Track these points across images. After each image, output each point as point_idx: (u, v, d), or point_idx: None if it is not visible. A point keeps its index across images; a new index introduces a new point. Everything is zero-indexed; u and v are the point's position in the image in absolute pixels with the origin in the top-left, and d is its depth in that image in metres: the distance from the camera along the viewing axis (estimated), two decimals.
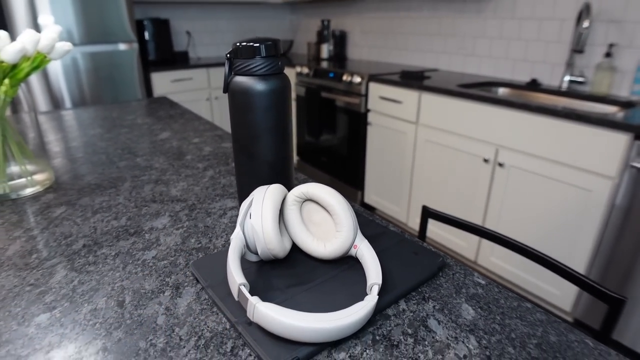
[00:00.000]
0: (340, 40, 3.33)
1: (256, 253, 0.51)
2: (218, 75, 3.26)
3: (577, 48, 1.76)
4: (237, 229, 0.49)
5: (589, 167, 1.48)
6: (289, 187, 0.66)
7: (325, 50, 3.25)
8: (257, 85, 0.58)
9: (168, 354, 0.39)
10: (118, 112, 1.43)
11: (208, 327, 0.43)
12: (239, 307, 0.44)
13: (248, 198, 0.52)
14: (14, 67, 0.72)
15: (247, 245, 0.49)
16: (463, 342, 0.41)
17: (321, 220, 0.53)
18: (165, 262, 0.55)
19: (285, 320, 0.37)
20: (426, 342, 0.41)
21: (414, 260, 0.53)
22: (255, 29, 3.98)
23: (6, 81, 0.71)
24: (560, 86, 2.01)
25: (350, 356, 0.39)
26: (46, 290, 0.49)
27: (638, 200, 1.37)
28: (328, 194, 0.50)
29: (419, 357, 0.39)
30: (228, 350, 0.40)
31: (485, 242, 1.93)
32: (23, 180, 0.78)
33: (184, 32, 3.60)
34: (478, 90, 1.89)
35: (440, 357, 0.39)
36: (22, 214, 0.69)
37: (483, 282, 0.51)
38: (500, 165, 1.78)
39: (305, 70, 2.84)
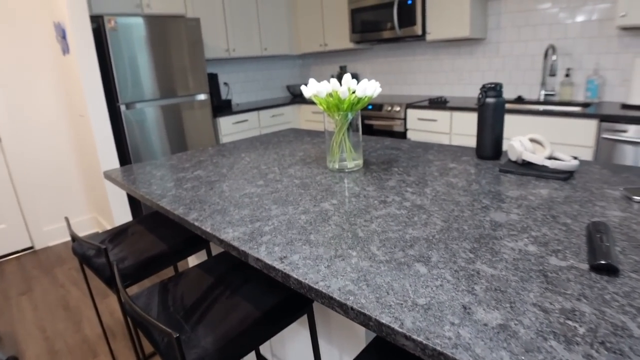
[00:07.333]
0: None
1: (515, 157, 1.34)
2: (264, 116, 4.02)
3: (551, 73, 2.80)
4: (511, 147, 1.32)
5: (575, 143, 2.46)
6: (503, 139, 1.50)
7: None
8: (492, 100, 1.43)
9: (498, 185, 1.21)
10: (296, 135, 2.19)
11: (505, 176, 1.25)
12: (516, 165, 1.26)
13: (513, 140, 1.35)
14: (358, 101, 1.50)
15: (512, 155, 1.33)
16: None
17: (536, 146, 1.38)
18: (475, 169, 1.35)
19: (531, 155, 1.21)
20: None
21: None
22: (272, 77, 4.81)
23: (355, 107, 1.49)
24: (539, 98, 3.05)
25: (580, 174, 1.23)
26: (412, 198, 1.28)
27: (605, 154, 2.36)
28: (540, 135, 1.35)
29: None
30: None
31: None
32: (353, 162, 1.54)
33: (222, 83, 4.33)
34: None
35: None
36: (366, 175, 1.46)
37: None
38: None
39: None
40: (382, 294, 0.69)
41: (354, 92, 1.38)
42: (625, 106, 2.48)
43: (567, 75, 2.87)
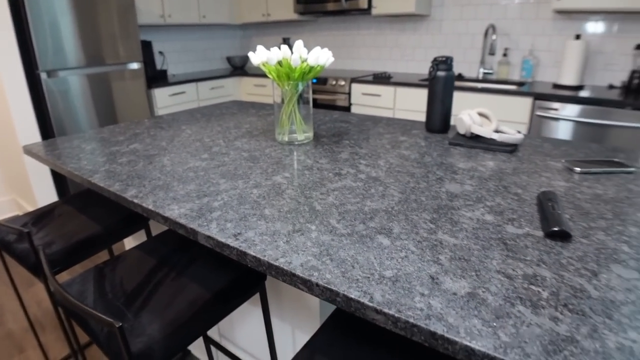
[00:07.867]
0: None
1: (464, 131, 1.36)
2: (203, 88, 3.80)
3: (491, 52, 2.90)
4: (460, 121, 1.34)
5: (511, 119, 2.58)
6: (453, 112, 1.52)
7: None
8: (443, 74, 1.43)
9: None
10: (239, 107, 2.08)
11: (455, 149, 1.27)
12: (464, 138, 1.29)
13: (462, 113, 1.37)
14: (310, 70, 1.44)
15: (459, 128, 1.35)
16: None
17: (483, 119, 1.41)
18: (425, 142, 1.36)
19: (480, 128, 1.24)
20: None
21: None
22: (211, 47, 4.55)
23: (307, 76, 1.42)
24: (478, 76, 3.16)
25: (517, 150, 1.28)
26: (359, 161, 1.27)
27: (537, 130, 2.51)
28: (487, 110, 1.38)
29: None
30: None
31: None
32: (303, 134, 1.49)
33: (157, 52, 4.03)
34: None
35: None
36: (317, 148, 1.42)
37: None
38: None
39: None
40: (347, 268, 0.66)
41: (305, 61, 1.31)
42: (556, 86, 2.64)
43: (504, 55, 2.99)
